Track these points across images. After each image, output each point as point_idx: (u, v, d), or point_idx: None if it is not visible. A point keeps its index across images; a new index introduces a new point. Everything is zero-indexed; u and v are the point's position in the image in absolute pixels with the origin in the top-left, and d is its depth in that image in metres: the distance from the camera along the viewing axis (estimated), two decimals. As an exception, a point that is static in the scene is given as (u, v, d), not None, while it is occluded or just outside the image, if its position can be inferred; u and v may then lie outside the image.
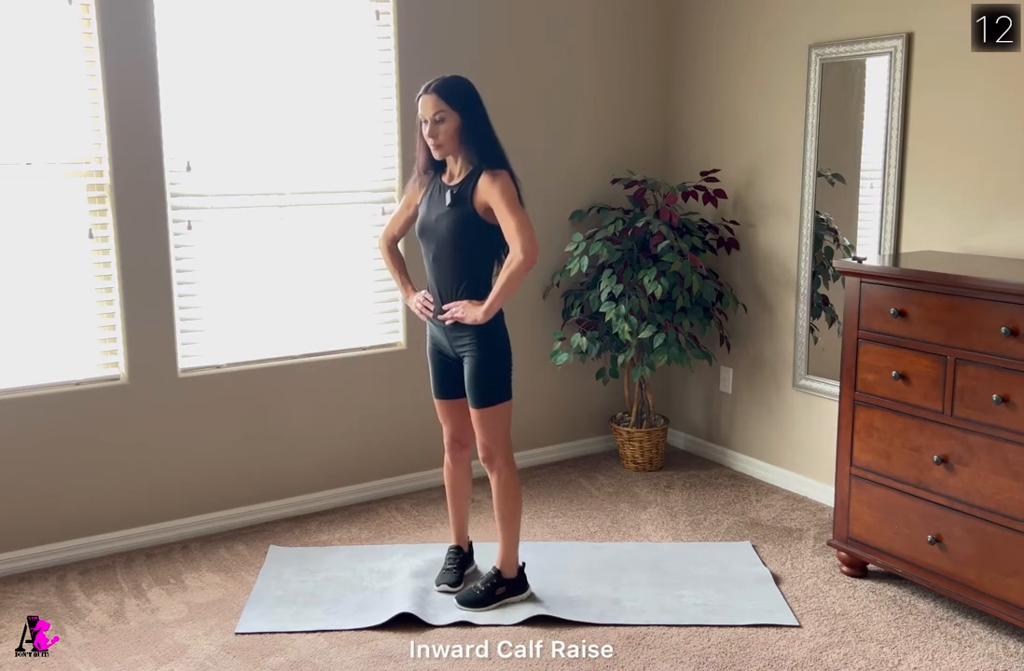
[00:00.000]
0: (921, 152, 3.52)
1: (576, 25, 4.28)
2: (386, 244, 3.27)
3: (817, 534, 3.72)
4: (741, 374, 4.40)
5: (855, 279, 3.21)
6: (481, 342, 2.99)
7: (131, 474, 3.62)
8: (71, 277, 3.48)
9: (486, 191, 2.88)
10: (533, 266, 2.88)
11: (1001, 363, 2.81)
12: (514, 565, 3.16)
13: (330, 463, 4.02)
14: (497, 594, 3.12)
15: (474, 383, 3.01)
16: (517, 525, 3.15)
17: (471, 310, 2.94)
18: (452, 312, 2.98)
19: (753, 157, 4.18)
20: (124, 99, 3.41)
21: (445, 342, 3.08)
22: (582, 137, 4.39)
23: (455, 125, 2.89)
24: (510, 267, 2.86)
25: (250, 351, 3.82)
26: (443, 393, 3.18)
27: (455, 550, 3.33)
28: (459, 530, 3.35)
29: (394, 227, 3.25)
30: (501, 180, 2.88)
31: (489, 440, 3.05)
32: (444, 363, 3.14)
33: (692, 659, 2.85)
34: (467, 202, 2.92)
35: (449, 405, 3.19)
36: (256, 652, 2.90)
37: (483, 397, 3.01)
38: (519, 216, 2.86)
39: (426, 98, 2.89)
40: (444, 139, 2.89)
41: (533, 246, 2.85)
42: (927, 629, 3.02)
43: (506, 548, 3.15)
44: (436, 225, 2.97)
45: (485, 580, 3.15)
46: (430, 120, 2.89)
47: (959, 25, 3.30)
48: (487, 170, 2.90)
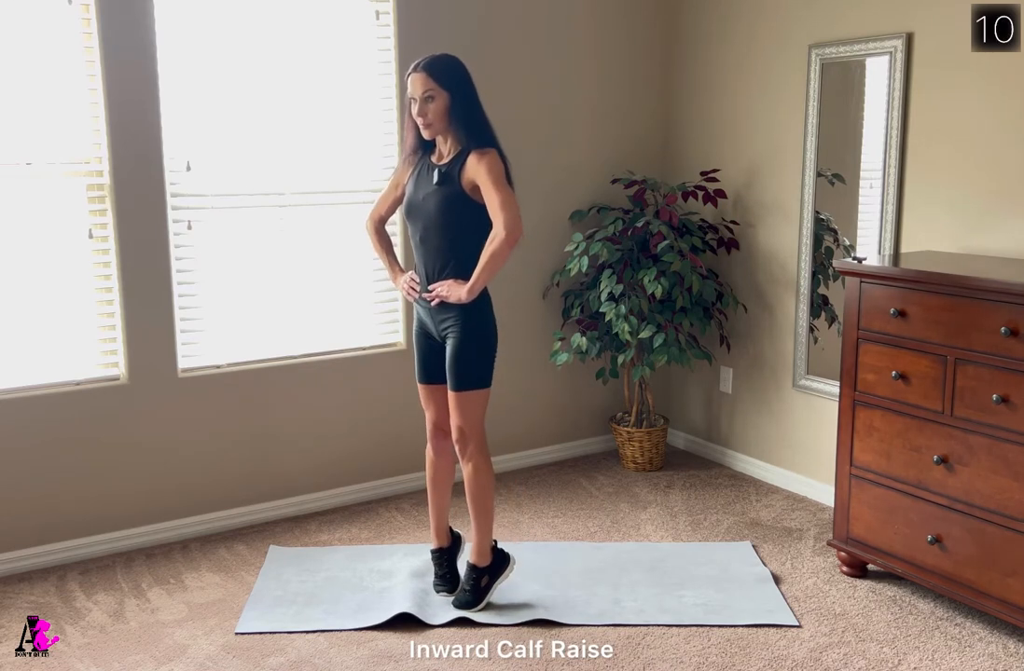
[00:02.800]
0: (921, 152, 3.52)
1: (576, 25, 4.28)
2: (373, 225, 3.23)
3: (817, 534, 3.72)
4: (741, 374, 4.40)
5: (855, 279, 3.21)
6: (466, 324, 2.95)
7: (131, 474, 3.62)
8: (71, 277, 3.48)
9: (473, 169, 2.85)
10: (516, 243, 2.83)
11: (1001, 363, 2.81)
12: (487, 553, 3.11)
13: (330, 463, 4.02)
14: (483, 586, 3.10)
15: (454, 365, 2.97)
16: (490, 514, 3.10)
17: (455, 289, 2.91)
18: (437, 291, 2.95)
19: (753, 157, 4.18)
20: (124, 99, 3.41)
21: (431, 324, 3.04)
22: (582, 137, 4.39)
23: (444, 104, 2.85)
24: (492, 244, 2.83)
25: (250, 351, 3.82)
26: (427, 377, 3.14)
27: (438, 553, 3.26)
28: (439, 525, 3.26)
29: (382, 208, 3.21)
30: (489, 158, 2.85)
31: (464, 422, 3.00)
32: (429, 346, 3.10)
33: (692, 659, 2.85)
34: (455, 181, 2.89)
35: (433, 390, 3.14)
36: (256, 652, 2.90)
37: (462, 380, 2.97)
38: (503, 193, 2.82)
39: (415, 76, 2.85)
40: (433, 118, 2.86)
41: (516, 223, 2.80)
42: (927, 629, 3.02)
43: (479, 539, 3.10)
44: (423, 204, 2.94)
45: (467, 579, 3.12)
46: (419, 98, 2.85)
47: (959, 25, 3.30)
48: (475, 149, 2.86)
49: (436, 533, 3.28)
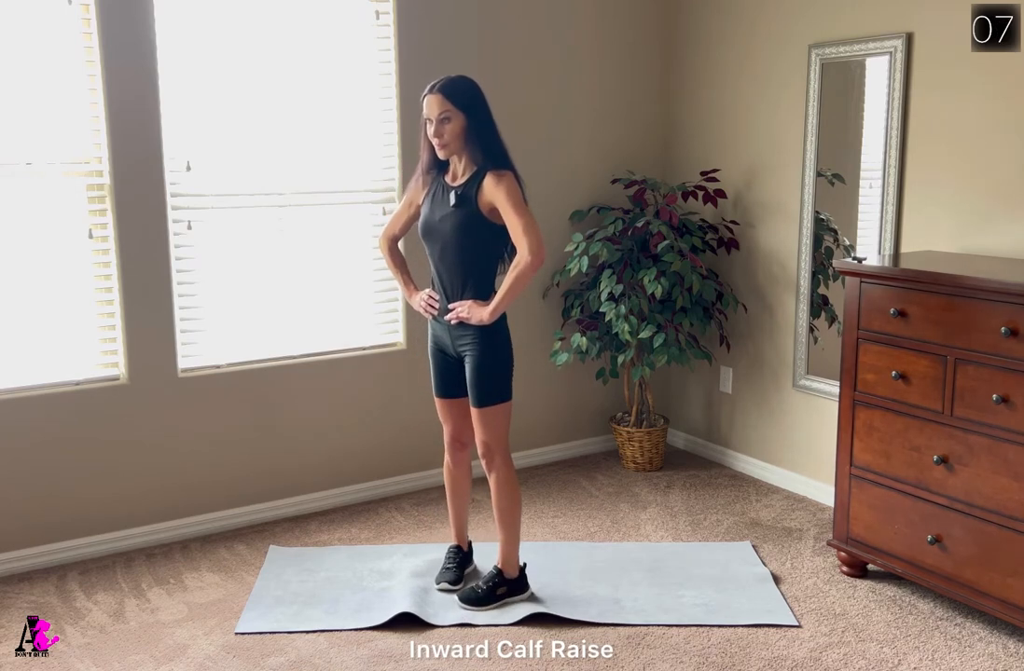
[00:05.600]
0: (921, 152, 3.52)
1: (576, 25, 4.28)
2: (387, 244, 3.27)
3: (817, 534, 3.72)
4: (741, 374, 4.40)
5: (855, 279, 3.21)
6: (483, 342, 2.99)
7: (131, 474, 3.62)
8: (71, 277, 3.47)
9: (491, 192, 2.89)
10: (541, 267, 2.89)
11: (1001, 363, 2.81)
12: (515, 565, 3.16)
13: (330, 463, 4.02)
14: (498, 594, 3.12)
15: (476, 382, 3.01)
16: (517, 525, 3.15)
17: (476, 310, 2.95)
18: (458, 312, 2.98)
19: (753, 157, 4.18)
20: (124, 99, 3.41)
21: (448, 341, 3.08)
22: (582, 137, 4.39)
23: (460, 125, 2.89)
24: (518, 268, 2.87)
25: (250, 351, 3.82)
26: (444, 392, 3.19)
27: (455, 549, 3.34)
28: (459, 530, 3.36)
29: (395, 227, 3.25)
30: (506, 181, 2.89)
31: (489, 437, 3.05)
32: (446, 362, 3.14)
33: (692, 659, 2.85)
34: (472, 202, 2.92)
35: (450, 404, 3.19)
36: (256, 652, 2.90)
37: (484, 397, 3.01)
38: (525, 217, 2.86)
39: (431, 98, 2.89)
40: (449, 139, 2.90)
41: (540, 247, 2.86)
42: (927, 629, 3.02)
43: (507, 548, 3.15)
44: (440, 225, 2.98)
45: (487, 579, 3.15)
46: (435, 120, 2.89)
47: (959, 25, 3.30)
48: (491, 171, 2.90)
49: (456, 534, 3.37)
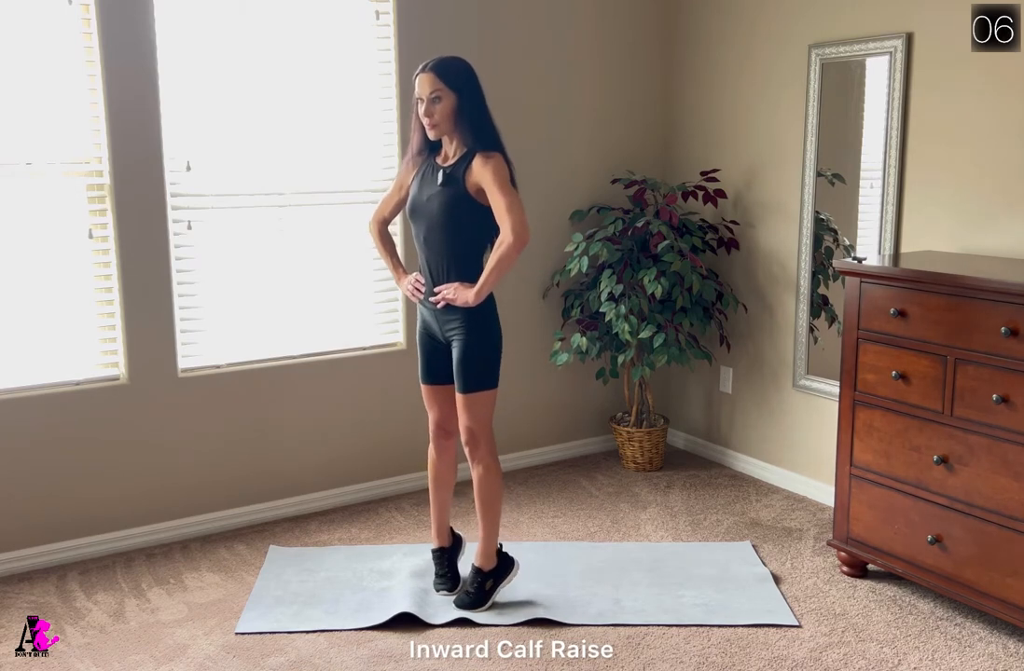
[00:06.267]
0: (921, 152, 3.52)
1: (576, 25, 4.28)
2: (376, 227, 3.22)
3: (817, 534, 3.72)
4: (741, 374, 4.40)
5: (855, 279, 3.21)
6: (471, 327, 2.96)
7: (131, 474, 3.62)
8: (71, 277, 3.47)
9: (479, 172, 2.86)
10: (524, 247, 2.84)
11: (1001, 363, 2.81)
12: (492, 556, 3.12)
13: (330, 463, 4.02)
14: (488, 589, 3.10)
15: (461, 368, 2.97)
16: (498, 517, 3.11)
17: (462, 292, 2.92)
18: (443, 294, 2.95)
19: (753, 157, 4.18)
20: (124, 99, 3.41)
21: (435, 326, 3.05)
22: (582, 137, 4.39)
23: (451, 105, 2.86)
24: (500, 248, 2.83)
25: (250, 351, 3.82)
26: (430, 378, 3.14)
27: (439, 553, 3.27)
28: (441, 525, 3.28)
29: (385, 209, 3.21)
30: (494, 161, 2.86)
31: (473, 422, 3.01)
32: (434, 347, 3.10)
33: (692, 659, 2.85)
34: (459, 182, 2.89)
35: (435, 391, 3.15)
36: (256, 652, 2.90)
37: (470, 382, 2.97)
38: (510, 197, 2.83)
39: (423, 76, 2.86)
40: (439, 119, 2.87)
41: (524, 227, 2.81)
42: (927, 629, 3.02)
43: (486, 541, 3.11)
44: (427, 205, 2.94)
45: (471, 581, 3.13)
46: (426, 99, 2.86)
47: (959, 25, 3.30)
48: (481, 152, 2.87)
49: (437, 532, 3.28)
